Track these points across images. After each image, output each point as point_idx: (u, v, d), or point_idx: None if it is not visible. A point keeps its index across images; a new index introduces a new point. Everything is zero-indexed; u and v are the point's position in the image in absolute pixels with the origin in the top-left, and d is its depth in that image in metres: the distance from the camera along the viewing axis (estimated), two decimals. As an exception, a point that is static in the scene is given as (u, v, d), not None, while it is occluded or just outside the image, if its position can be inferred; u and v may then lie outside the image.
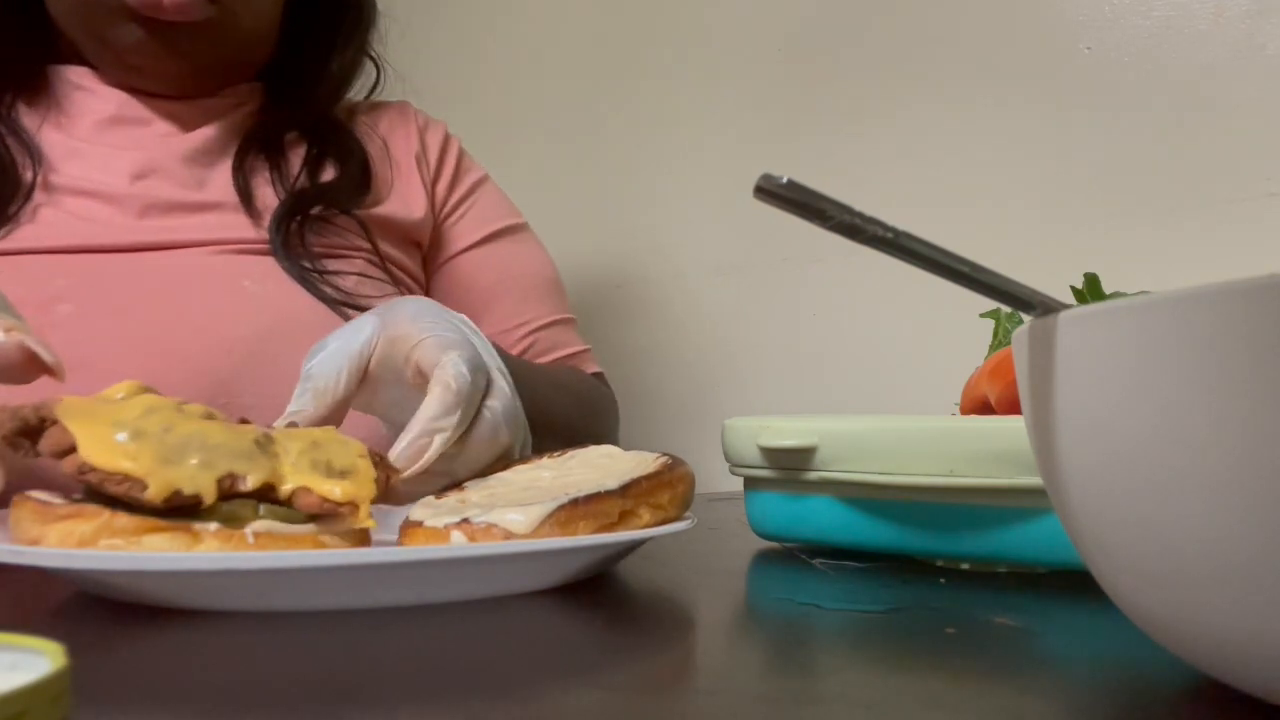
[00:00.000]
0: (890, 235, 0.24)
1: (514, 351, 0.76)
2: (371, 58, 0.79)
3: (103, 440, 0.33)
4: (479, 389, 0.44)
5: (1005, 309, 0.59)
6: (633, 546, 0.38)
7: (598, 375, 0.82)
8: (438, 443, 0.41)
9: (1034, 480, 0.37)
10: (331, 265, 0.67)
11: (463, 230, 0.79)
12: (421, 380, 0.44)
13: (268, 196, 0.68)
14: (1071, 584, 0.37)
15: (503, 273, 0.80)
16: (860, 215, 0.23)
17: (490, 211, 0.81)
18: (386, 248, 0.71)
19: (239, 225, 0.66)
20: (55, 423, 0.34)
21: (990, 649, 0.29)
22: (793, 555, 0.45)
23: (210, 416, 0.37)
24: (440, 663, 0.28)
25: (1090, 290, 0.56)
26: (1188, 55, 0.81)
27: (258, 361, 0.59)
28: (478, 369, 0.44)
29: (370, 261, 0.70)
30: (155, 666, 0.28)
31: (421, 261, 0.78)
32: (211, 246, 0.64)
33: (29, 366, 0.37)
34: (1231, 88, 0.79)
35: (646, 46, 1.09)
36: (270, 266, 0.65)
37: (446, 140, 0.81)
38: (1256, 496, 0.19)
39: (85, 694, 0.23)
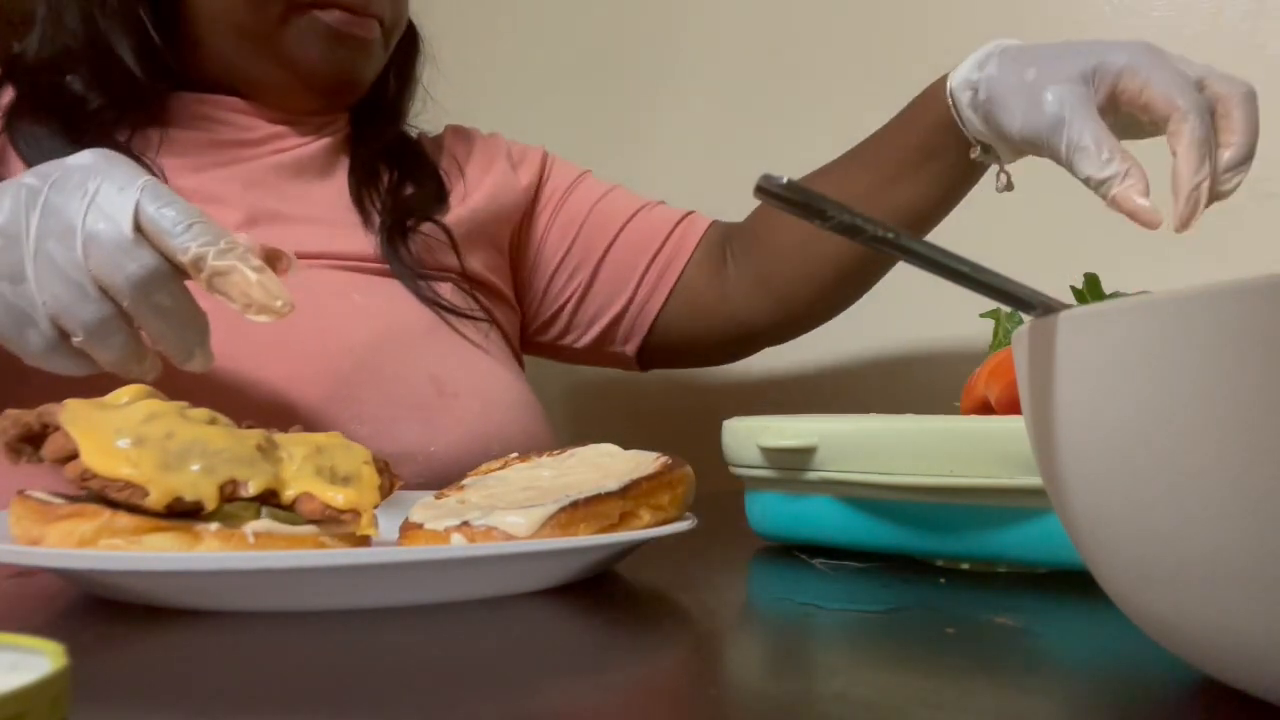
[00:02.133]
0: (890, 235, 0.24)
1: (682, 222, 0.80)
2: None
3: (104, 446, 0.33)
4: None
5: (1005, 309, 0.59)
6: (633, 547, 0.38)
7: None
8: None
9: (1034, 480, 0.37)
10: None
11: (557, 180, 0.83)
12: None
13: (370, 214, 0.72)
14: (1071, 584, 0.37)
15: (607, 187, 0.83)
16: (860, 215, 0.23)
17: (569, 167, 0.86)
18: (472, 265, 0.75)
19: (343, 239, 0.69)
20: (58, 428, 0.34)
21: (990, 649, 0.29)
22: (793, 555, 0.45)
23: (214, 421, 0.37)
24: (440, 663, 0.28)
25: (1090, 290, 0.56)
26: (1188, 55, 0.81)
27: (376, 363, 0.63)
28: None
29: (458, 285, 0.74)
30: (155, 666, 0.28)
31: (509, 271, 0.81)
32: (316, 260, 0.66)
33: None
34: (1231, 88, 0.79)
35: (642, 54, 1.09)
36: (373, 283, 0.68)
37: (543, 164, 0.84)
38: (1256, 496, 0.19)
39: (85, 694, 0.23)
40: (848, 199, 0.75)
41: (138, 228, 0.42)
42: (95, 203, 0.42)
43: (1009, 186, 0.63)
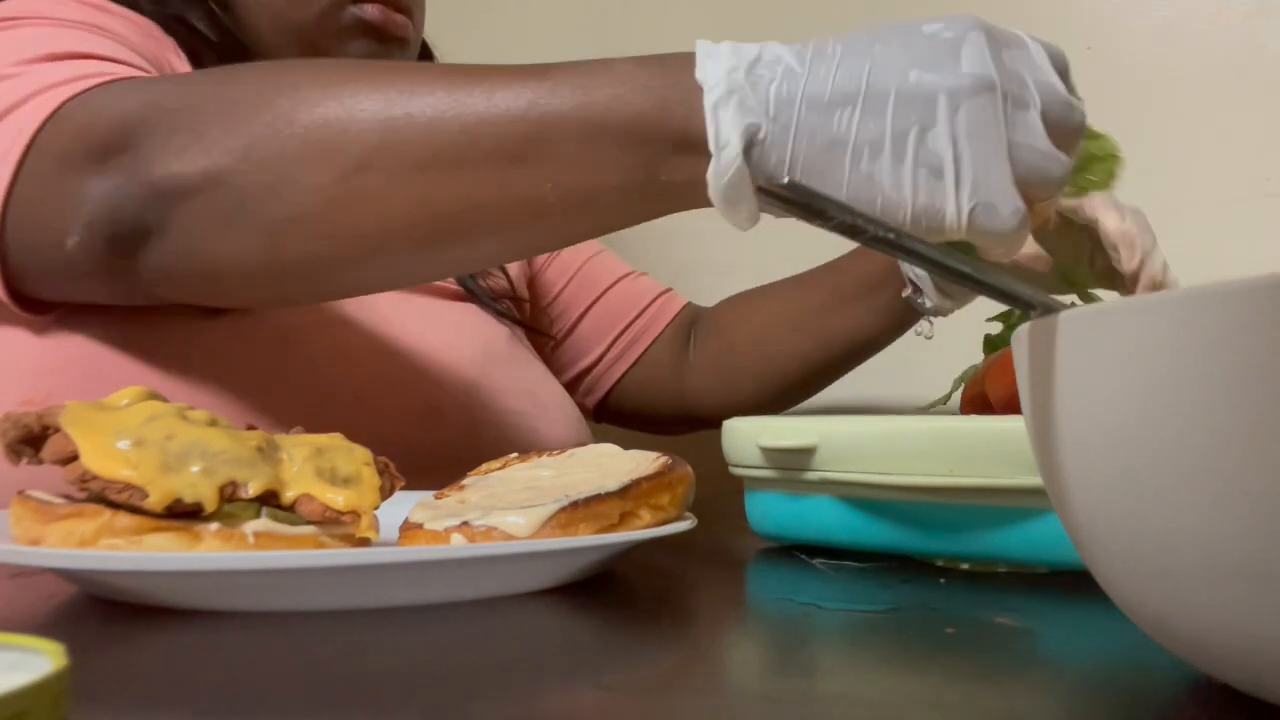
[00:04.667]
0: (891, 235, 0.24)
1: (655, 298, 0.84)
2: None
3: (104, 448, 0.33)
4: None
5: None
6: (633, 547, 0.38)
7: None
8: None
9: (1034, 480, 0.37)
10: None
11: None
12: None
13: None
14: (1071, 584, 0.37)
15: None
16: (861, 215, 0.23)
17: None
18: (517, 287, 0.79)
19: None
20: (58, 430, 0.34)
21: (990, 649, 0.29)
22: (793, 555, 0.45)
23: (214, 423, 0.37)
24: (440, 663, 0.28)
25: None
26: (1188, 55, 0.81)
27: (483, 376, 0.66)
28: None
29: (514, 305, 0.77)
30: (155, 666, 0.28)
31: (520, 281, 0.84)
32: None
33: None
34: (1231, 88, 0.79)
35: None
36: (453, 306, 0.70)
37: None
38: (1257, 496, 0.19)
39: (85, 694, 0.23)
40: (798, 315, 0.77)
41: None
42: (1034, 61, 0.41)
43: (929, 336, 0.68)
